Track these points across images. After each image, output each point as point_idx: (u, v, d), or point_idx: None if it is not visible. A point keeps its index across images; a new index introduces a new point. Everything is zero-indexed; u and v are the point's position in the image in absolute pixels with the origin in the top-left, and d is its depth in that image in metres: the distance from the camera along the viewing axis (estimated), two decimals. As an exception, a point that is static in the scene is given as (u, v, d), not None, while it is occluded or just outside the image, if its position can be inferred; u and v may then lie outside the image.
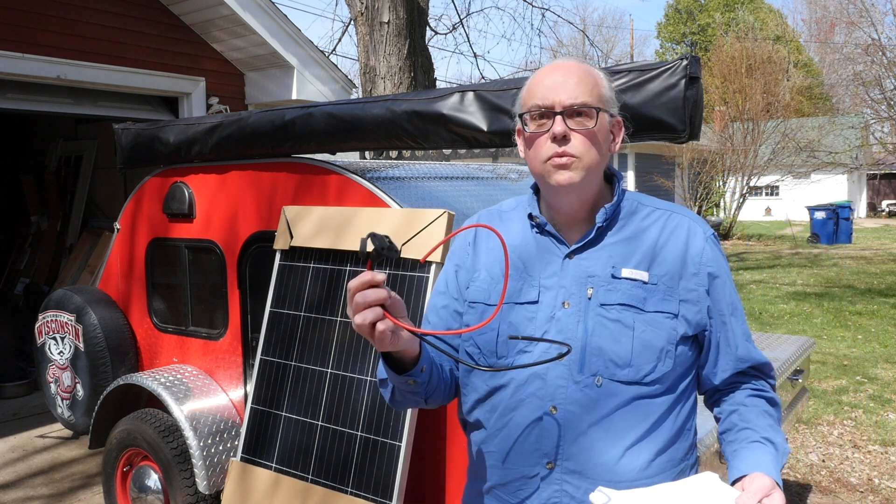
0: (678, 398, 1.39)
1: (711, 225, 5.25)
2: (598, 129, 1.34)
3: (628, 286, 1.36)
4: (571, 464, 1.34)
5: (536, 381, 1.36)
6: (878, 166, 23.84)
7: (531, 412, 1.36)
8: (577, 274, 1.38)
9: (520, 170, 3.86)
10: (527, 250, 1.44)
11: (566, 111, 1.32)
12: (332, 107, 2.90)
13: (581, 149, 1.33)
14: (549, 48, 30.79)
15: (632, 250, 1.39)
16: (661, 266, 1.38)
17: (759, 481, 1.22)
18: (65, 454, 4.79)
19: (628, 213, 1.43)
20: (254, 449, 2.73)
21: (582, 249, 1.40)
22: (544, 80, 1.36)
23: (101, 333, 3.58)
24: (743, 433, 1.37)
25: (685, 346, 1.38)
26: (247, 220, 3.18)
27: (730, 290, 1.43)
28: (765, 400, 1.44)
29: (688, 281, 1.38)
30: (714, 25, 38.00)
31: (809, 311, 9.52)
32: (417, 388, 1.37)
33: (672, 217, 1.44)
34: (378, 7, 5.86)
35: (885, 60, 15.84)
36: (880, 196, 34.60)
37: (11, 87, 5.57)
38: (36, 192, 8.16)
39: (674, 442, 1.38)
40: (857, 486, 4.19)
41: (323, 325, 2.65)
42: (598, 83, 1.37)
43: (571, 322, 1.36)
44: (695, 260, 1.39)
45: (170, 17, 6.35)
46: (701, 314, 1.39)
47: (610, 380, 1.33)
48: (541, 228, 1.44)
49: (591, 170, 1.35)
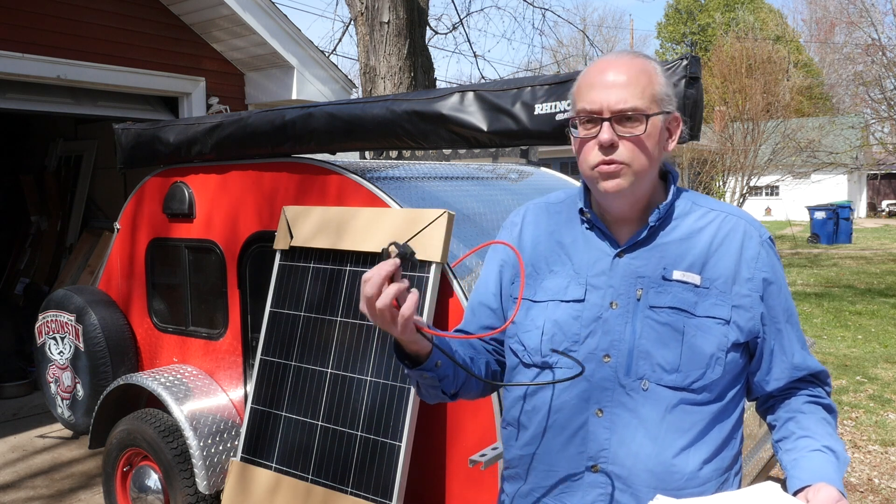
0: (726, 406, 1.34)
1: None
2: (649, 134, 1.29)
3: (679, 289, 1.31)
4: (617, 468, 1.31)
5: (582, 383, 1.33)
6: (879, 166, 23.84)
7: (577, 414, 1.34)
8: (626, 274, 1.34)
9: (520, 170, 3.86)
10: (575, 246, 1.40)
11: (614, 116, 1.28)
12: (332, 107, 2.90)
13: (629, 155, 1.28)
14: (550, 48, 30.79)
15: (684, 252, 1.34)
16: (715, 269, 1.33)
17: (824, 492, 1.19)
18: (65, 454, 4.79)
19: (682, 213, 1.38)
20: (254, 449, 2.73)
21: (633, 249, 1.36)
22: (594, 81, 1.31)
23: (102, 333, 3.58)
24: (802, 441, 1.32)
25: (736, 354, 1.33)
26: (247, 220, 3.18)
27: (785, 297, 1.38)
28: (822, 407, 1.39)
29: (741, 286, 1.33)
30: (714, 25, 37.99)
31: (809, 311, 9.52)
32: (435, 382, 1.36)
33: (728, 219, 1.38)
34: (378, 7, 5.85)
35: (885, 60, 15.83)
36: (880, 196, 34.60)
37: (11, 87, 5.57)
38: (36, 192, 8.16)
39: (721, 450, 1.34)
40: (857, 486, 4.19)
41: (323, 325, 2.65)
42: (651, 81, 1.30)
43: (619, 323, 1.32)
44: (750, 265, 1.34)
45: (170, 17, 6.35)
46: (754, 321, 1.33)
47: (657, 384, 1.30)
48: (591, 224, 1.40)
49: (641, 175, 1.30)
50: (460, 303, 2.43)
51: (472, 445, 2.37)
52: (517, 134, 2.48)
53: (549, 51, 31.97)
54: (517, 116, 2.46)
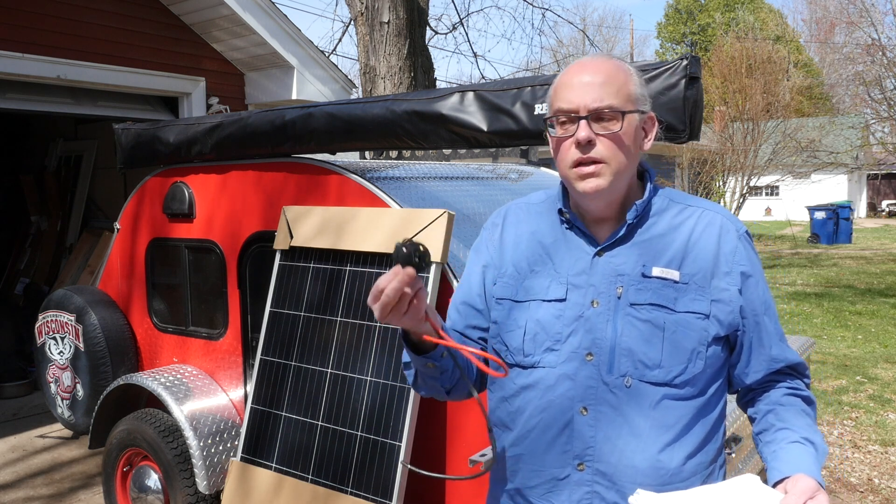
0: (709, 400, 1.36)
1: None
2: (625, 132, 1.31)
3: (659, 285, 1.33)
4: (602, 465, 1.32)
5: (566, 382, 1.34)
6: (879, 166, 23.84)
7: (561, 413, 1.35)
8: (606, 272, 1.36)
9: (520, 170, 3.86)
10: (556, 246, 1.42)
11: (591, 115, 1.29)
12: (332, 107, 2.90)
13: (607, 153, 1.30)
14: (550, 48, 30.81)
15: (663, 248, 1.36)
16: (693, 265, 1.34)
17: (802, 483, 1.19)
18: (65, 454, 4.78)
19: (659, 210, 1.40)
20: (254, 449, 2.73)
21: (612, 247, 1.37)
22: (570, 81, 1.33)
23: (102, 333, 3.58)
24: (781, 433, 1.34)
25: (717, 347, 1.35)
26: (247, 220, 3.18)
27: (763, 289, 1.39)
28: (801, 399, 1.40)
29: (720, 280, 1.34)
30: (714, 25, 37.98)
31: (809, 311, 9.52)
32: (437, 374, 1.38)
33: (704, 214, 1.40)
34: (378, 7, 5.85)
35: (885, 60, 15.83)
36: (880, 196, 34.60)
37: (11, 87, 5.57)
38: (36, 192, 8.16)
39: (705, 444, 1.36)
40: (857, 486, 4.19)
41: (323, 325, 2.65)
42: (626, 81, 1.33)
43: (601, 322, 1.34)
44: (728, 258, 1.35)
45: (170, 17, 6.35)
46: (734, 314, 1.35)
47: (639, 381, 1.31)
48: (570, 224, 1.41)
49: (619, 173, 1.32)
50: (460, 303, 2.43)
51: (472, 445, 2.37)
52: (517, 134, 2.48)
53: (548, 51, 31.98)
54: (517, 116, 2.46)
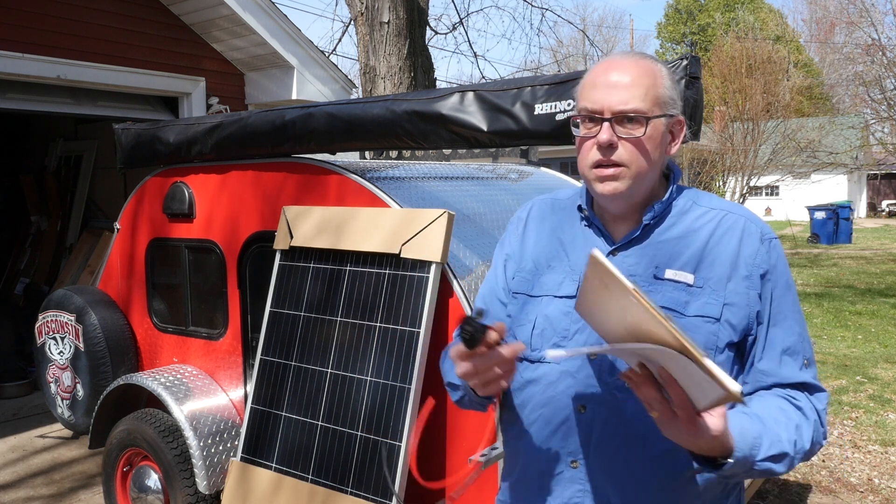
0: None
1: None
2: (649, 137, 1.28)
3: (670, 288, 1.30)
4: (596, 464, 1.32)
5: (567, 379, 1.34)
6: (879, 166, 23.84)
7: (560, 410, 1.35)
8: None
9: (520, 170, 3.86)
10: (573, 242, 1.42)
11: (615, 117, 1.27)
12: (332, 107, 2.90)
13: (628, 157, 1.28)
14: (550, 48, 30.80)
15: (679, 250, 1.32)
16: (710, 268, 1.30)
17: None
18: (65, 454, 4.78)
19: (681, 212, 1.36)
20: (254, 449, 2.73)
21: (626, 247, 1.35)
22: (597, 81, 1.30)
23: (102, 333, 3.58)
24: (734, 414, 1.18)
25: (728, 354, 1.28)
26: (247, 220, 3.18)
27: (782, 297, 1.31)
28: (789, 403, 1.27)
29: (737, 283, 1.29)
30: (714, 25, 38.00)
31: (809, 311, 9.52)
32: (484, 401, 1.41)
33: (727, 216, 1.35)
34: (378, 7, 5.85)
35: (885, 60, 15.83)
36: (880, 196, 34.60)
37: (11, 87, 5.57)
38: (36, 192, 8.16)
39: None
40: (857, 486, 4.19)
41: (323, 326, 2.65)
42: (655, 83, 1.29)
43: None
44: (747, 261, 1.30)
45: (170, 17, 6.35)
46: (749, 319, 1.28)
47: None
48: (589, 222, 1.41)
49: (639, 178, 1.29)
50: (460, 303, 2.43)
51: (473, 445, 2.37)
52: (517, 134, 2.48)
53: (548, 51, 31.97)
54: (517, 116, 2.46)
